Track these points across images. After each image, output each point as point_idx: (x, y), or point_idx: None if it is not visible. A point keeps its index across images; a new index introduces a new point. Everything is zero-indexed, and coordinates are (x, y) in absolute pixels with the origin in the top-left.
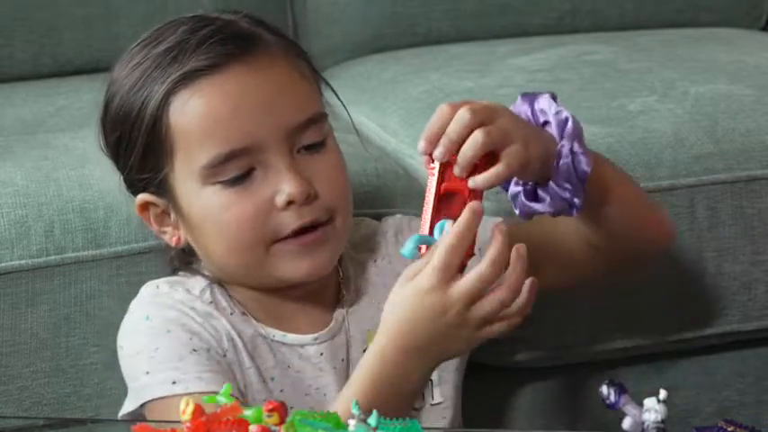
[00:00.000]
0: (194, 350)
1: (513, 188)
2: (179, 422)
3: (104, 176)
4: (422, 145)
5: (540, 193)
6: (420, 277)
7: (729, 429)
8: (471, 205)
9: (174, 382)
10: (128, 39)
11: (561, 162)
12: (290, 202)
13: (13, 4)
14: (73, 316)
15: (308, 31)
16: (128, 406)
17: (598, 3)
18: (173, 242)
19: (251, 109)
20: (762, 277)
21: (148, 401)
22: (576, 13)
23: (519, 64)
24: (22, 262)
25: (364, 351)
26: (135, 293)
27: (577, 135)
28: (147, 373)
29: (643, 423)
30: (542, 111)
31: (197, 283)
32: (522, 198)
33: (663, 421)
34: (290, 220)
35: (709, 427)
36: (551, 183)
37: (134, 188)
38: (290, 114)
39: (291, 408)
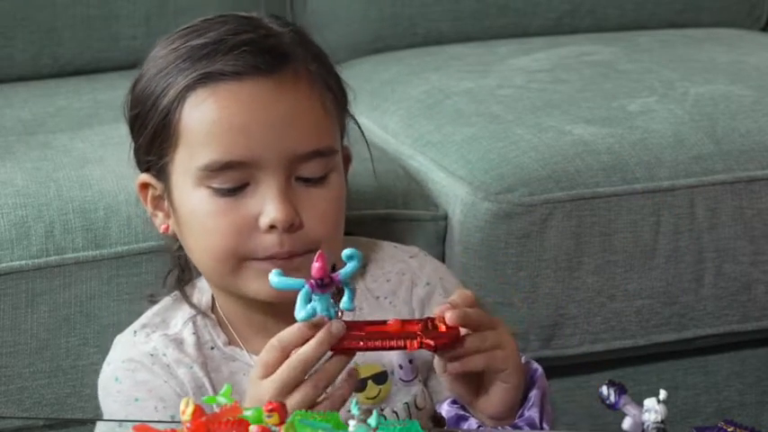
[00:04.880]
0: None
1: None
2: (179, 422)
3: (104, 177)
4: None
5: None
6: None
7: (729, 430)
8: (334, 323)
9: None
10: (128, 39)
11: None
12: (272, 227)
13: (14, 5)
14: (73, 316)
15: (307, 31)
16: None
17: (598, 3)
18: (162, 228)
19: (260, 126)
20: (762, 277)
21: None
22: (575, 14)
23: (519, 64)
24: (22, 262)
25: None
26: (135, 294)
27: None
28: None
29: (643, 423)
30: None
31: (181, 317)
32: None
33: (663, 421)
34: (268, 245)
35: (709, 427)
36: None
37: (140, 165)
38: (297, 142)
39: None
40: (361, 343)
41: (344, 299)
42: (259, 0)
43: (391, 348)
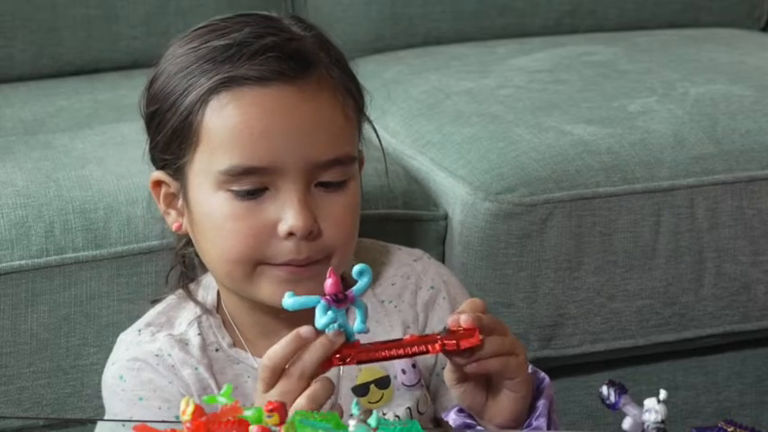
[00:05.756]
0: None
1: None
2: (179, 422)
3: (104, 177)
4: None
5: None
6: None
7: (729, 430)
8: (300, 330)
9: None
10: (128, 39)
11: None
12: (290, 234)
13: (14, 5)
14: (73, 316)
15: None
16: None
17: (598, 3)
18: (174, 227)
19: (282, 132)
20: (762, 277)
21: None
22: (575, 14)
23: (519, 64)
24: (22, 262)
25: (353, 389)
26: (135, 294)
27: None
28: None
29: (643, 423)
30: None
31: (186, 317)
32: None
33: (663, 421)
34: (285, 251)
35: (709, 427)
36: None
37: (154, 162)
38: (319, 149)
39: None
40: (385, 352)
41: (357, 321)
42: (259, 1)
43: (414, 354)
